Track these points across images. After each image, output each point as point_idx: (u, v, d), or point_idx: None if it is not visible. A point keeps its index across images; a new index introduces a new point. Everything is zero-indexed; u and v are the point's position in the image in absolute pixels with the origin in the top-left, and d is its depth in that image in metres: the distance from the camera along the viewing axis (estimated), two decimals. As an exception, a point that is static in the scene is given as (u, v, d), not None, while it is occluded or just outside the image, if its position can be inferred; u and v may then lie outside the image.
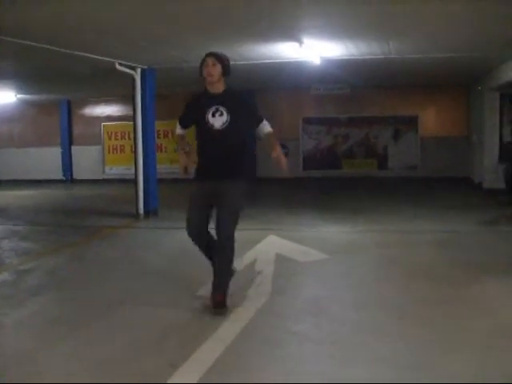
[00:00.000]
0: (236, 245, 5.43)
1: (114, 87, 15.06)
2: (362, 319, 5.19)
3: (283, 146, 5.63)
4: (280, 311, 5.46)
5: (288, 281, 6.47)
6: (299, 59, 10.57)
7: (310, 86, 15.69)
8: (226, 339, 4.66)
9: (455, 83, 16.75)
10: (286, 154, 12.93)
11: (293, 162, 18.52)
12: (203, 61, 5.38)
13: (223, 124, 5.32)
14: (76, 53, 9.35)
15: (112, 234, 10.00)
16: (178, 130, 5.81)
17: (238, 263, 5.70)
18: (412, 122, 18.02)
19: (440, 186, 15.75)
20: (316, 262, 7.41)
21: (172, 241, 9.14)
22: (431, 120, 18.06)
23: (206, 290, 5.95)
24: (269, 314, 5.32)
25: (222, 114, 5.32)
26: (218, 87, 5.43)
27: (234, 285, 5.67)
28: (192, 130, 5.67)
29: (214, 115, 5.34)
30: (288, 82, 15.26)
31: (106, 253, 8.48)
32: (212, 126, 5.34)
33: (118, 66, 10.65)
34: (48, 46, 8.70)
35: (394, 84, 16.62)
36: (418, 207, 11.89)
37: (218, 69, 5.35)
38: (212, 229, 5.45)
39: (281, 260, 7.36)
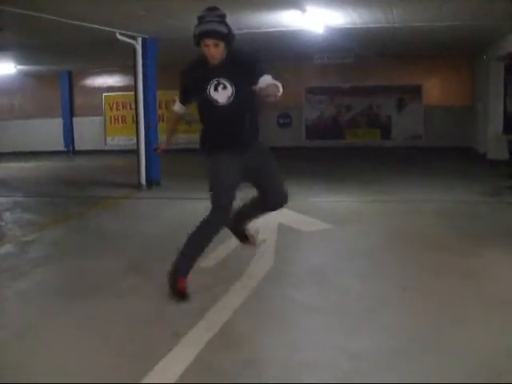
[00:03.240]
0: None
1: (115, 57, 14.93)
2: (365, 289, 5.18)
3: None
4: (283, 281, 5.44)
5: (291, 250, 6.46)
6: (302, 28, 10.45)
7: (314, 55, 15.54)
8: (230, 309, 4.65)
9: (460, 52, 16.56)
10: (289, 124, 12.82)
11: (295, 132, 18.48)
12: (200, 36, 4.59)
13: (229, 98, 4.68)
14: (76, 23, 9.24)
15: (114, 205, 9.98)
16: (177, 108, 5.15)
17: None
18: (416, 92, 17.87)
19: (444, 155, 15.69)
20: (319, 232, 7.38)
21: (174, 211, 9.12)
22: (435, 89, 17.91)
23: (207, 261, 5.94)
24: (272, 284, 5.31)
25: (225, 87, 4.67)
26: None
27: (237, 254, 5.67)
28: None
29: (216, 89, 4.68)
30: (291, 52, 15.13)
31: (108, 223, 8.47)
32: (216, 101, 4.70)
33: (118, 36, 10.53)
34: (48, 16, 8.60)
35: (398, 53, 16.44)
36: (421, 177, 11.85)
37: (221, 47, 4.60)
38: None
39: (284, 230, 7.33)
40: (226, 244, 6.15)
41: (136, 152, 11.73)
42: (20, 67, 17.15)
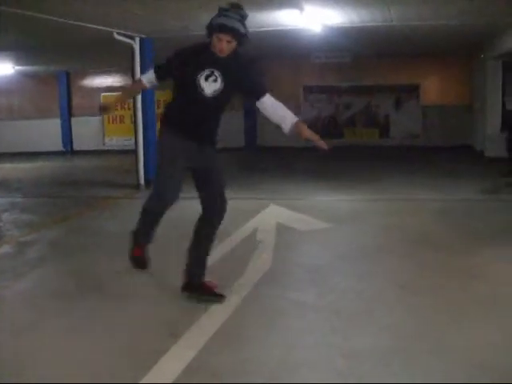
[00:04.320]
0: (236, 214, 5.34)
1: (113, 58, 14.93)
2: (363, 288, 5.17)
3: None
4: (281, 281, 5.44)
5: (289, 250, 6.45)
6: (300, 27, 10.44)
7: (311, 54, 15.54)
8: (227, 309, 4.65)
9: (457, 51, 16.57)
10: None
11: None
12: (217, 28, 4.43)
13: (214, 92, 4.58)
14: (74, 22, 9.22)
15: (113, 205, 9.98)
16: (146, 80, 4.91)
17: (239, 233, 5.63)
18: (414, 91, 17.89)
19: (442, 154, 15.69)
20: (317, 231, 7.38)
21: (172, 210, 9.09)
22: (433, 88, 17.94)
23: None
24: (270, 284, 5.30)
25: (215, 80, 4.56)
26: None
27: (235, 254, 5.65)
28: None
29: (206, 79, 4.55)
30: (288, 50, 15.12)
31: (106, 224, 8.46)
32: (202, 90, 4.56)
33: (116, 36, 10.52)
34: (45, 16, 8.58)
35: (396, 52, 16.44)
36: (419, 176, 11.85)
37: (233, 46, 4.50)
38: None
39: (282, 229, 7.33)
40: (223, 243, 6.16)
41: (134, 152, 11.72)
42: (18, 68, 17.15)
